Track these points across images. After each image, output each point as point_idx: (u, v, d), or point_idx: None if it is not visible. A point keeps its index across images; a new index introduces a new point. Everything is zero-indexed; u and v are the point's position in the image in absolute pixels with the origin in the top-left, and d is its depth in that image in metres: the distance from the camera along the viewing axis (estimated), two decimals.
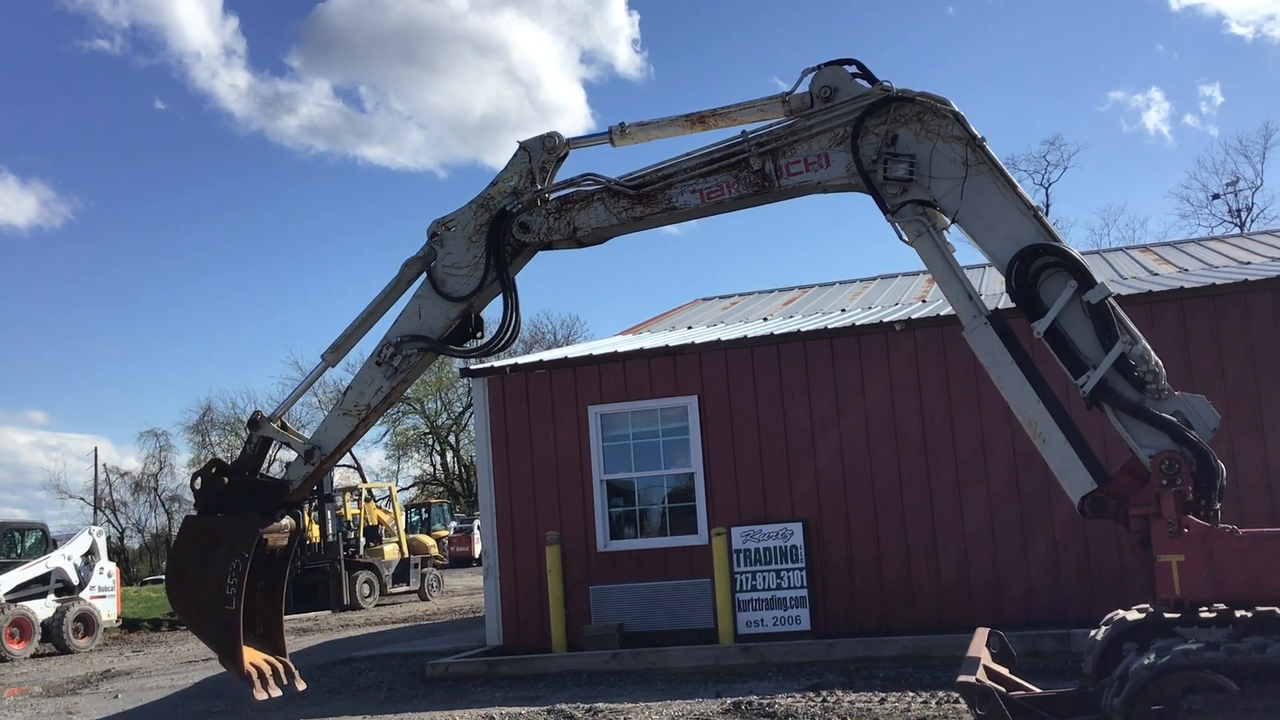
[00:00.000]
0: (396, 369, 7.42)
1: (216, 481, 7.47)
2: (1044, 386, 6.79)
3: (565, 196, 7.45)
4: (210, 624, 7.24)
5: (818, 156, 7.07)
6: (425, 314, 7.44)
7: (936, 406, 13.83)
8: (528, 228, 7.41)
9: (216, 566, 7.17)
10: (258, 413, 7.60)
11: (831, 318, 16.87)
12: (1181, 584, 6.42)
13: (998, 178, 6.83)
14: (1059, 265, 6.75)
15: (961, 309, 7.03)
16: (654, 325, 21.83)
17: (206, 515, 7.41)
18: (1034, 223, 6.80)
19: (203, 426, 70.21)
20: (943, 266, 7.01)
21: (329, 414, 7.67)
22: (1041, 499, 13.15)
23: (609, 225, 7.41)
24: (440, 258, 7.44)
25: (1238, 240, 23.27)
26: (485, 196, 7.49)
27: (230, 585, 7.10)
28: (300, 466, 7.51)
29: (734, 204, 7.33)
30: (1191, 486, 6.50)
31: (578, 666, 13.63)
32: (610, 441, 15.02)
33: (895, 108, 6.92)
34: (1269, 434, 11.95)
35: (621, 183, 7.32)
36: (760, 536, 14.09)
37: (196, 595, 7.29)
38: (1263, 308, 12.54)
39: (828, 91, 7.06)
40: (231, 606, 7.10)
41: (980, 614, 12.52)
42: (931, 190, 6.89)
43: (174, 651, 22.30)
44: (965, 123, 6.87)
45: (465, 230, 7.44)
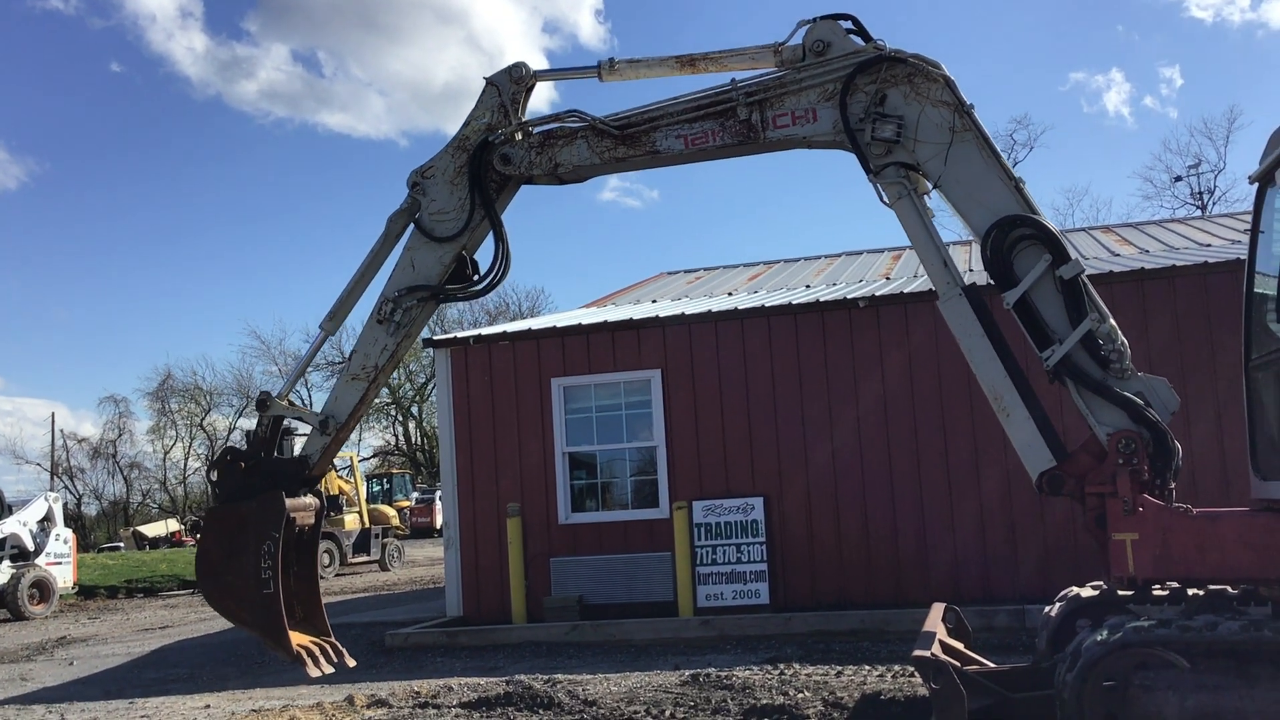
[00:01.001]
0: (399, 324, 7.37)
1: (234, 469, 7.37)
2: (1013, 362, 6.83)
3: (549, 132, 7.42)
4: (250, 610, 7.12)
5: (805, 111, 7.05)
6: (419, 264, 7.40)
7: (898, 384, 13.90)
8: (509, 160, 7.38)
9: (248, 552, 7.06)
10: (265, 394, 7.49)
11: (796, 293, 16.90)
12: (1135, 562, 6.49)
13: (983, 146, 6.83)
14: (1035, 238, 6.78)
15: (936, 276, 7.03)
16: (619, 298, 21.80)
17: (228, 504, 7.30)
18: (1014, 194, 6.81)
19: (162, 393, 69.67)
20: (921, 231, 7.02)
21: (337, 382, 7.60)
22: (1000, 476, 13.25)
23: (591, 164, 7.39)
24: (425, 206, 7.41)
25: (1199, 222, 23.47)
26: (460, 137, 7.45)
27: (265, 569, 6.99)
28: (317, 439, 7.43)
29: (718, 152, 7.31)
30: (1147, 466, 6.57)
31: (537, 638, 13.65)
32: (573, 414, 15.00)
33: (887, 67, 6.90)
34: (1224, 415, 12.08)
35: (606, 122, 7.29)
36: (721, 511, 14.14)
37: (231, 585, 7.17)
38: (1221, 290, 12.65)
39: (820, 45, 7.04)
40: (270, 589, 6.98)
41: (938, 589, 12.64)
42: (916, 154, 6.88)
43: (130, 619, 22.15)
44: (955, 88, 6.86)
45: (446, 174, 7.40)
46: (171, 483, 72.89)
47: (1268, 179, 6.95)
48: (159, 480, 72.75)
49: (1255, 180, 7.20)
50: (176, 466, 72.72)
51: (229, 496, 7.32)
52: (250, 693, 11.65)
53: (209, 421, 71.09)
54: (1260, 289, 7.26)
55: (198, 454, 72.14)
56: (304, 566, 7.50)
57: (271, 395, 7.51)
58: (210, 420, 71.17)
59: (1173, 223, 24.39)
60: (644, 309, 17.22)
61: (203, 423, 71.08)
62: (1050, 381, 6.83)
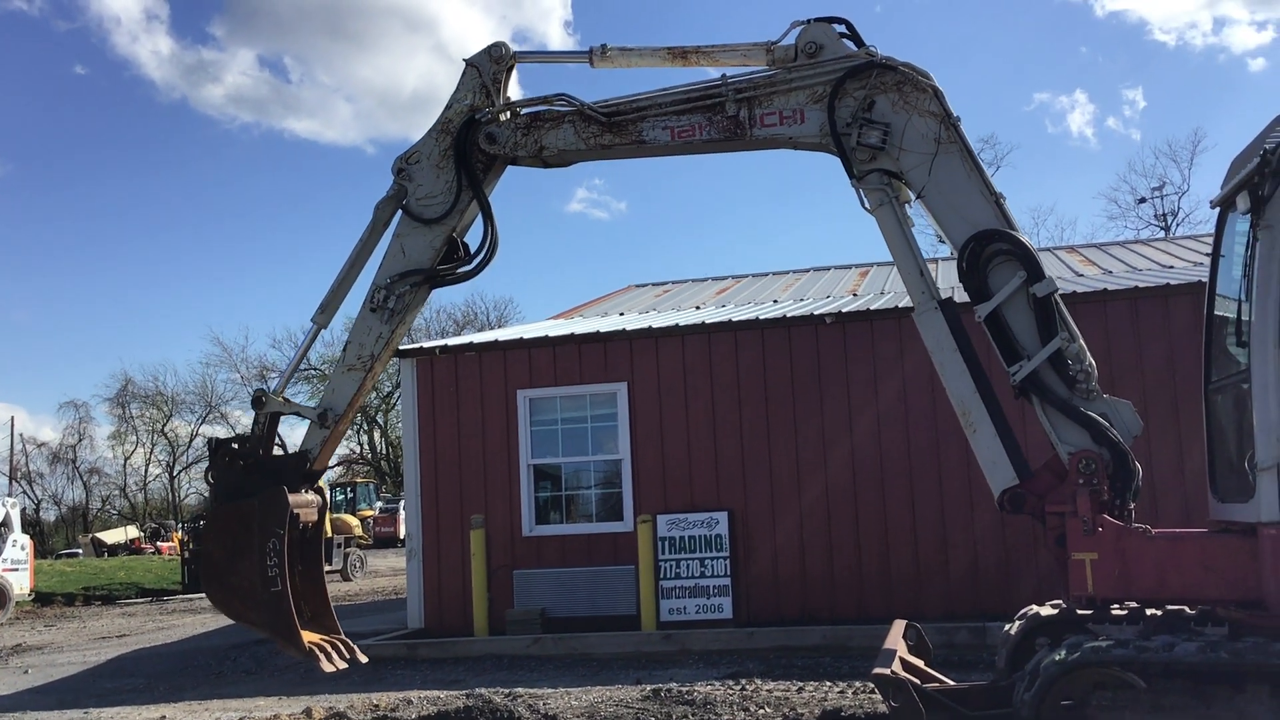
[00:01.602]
0: (393, 311, 7.32)
1: (232, 467, 7.25)
2: (983, 378, 6.86)
3: (536, 114, 7.41)
4: (258, 610, 6.97)
5: (793, 111, 7.07)
6: (409, 249, 7.37)
7: (863, 400, 13.95)
8: (494, 139, 7.37)
9: (252, 552, 6.94)
10: (260, 391, 7.38)
11: (763, 308, 16.94)
12: (1094, 582, 6.53)
13: (966, 159, 6.86)
14: (1011, 254, 6.82)
15: (913, 286, 7.05)
16: (586, 310, 21.78)
17: (229, 504, 7.17)
18: (995, 209, 6.85)
19: (122, 399, 69.01)
20: (900, 240, 7.03)
21: (333, 374, 7.53)
22: (963, 494, 13.32)
23: (576, 149, 7.39)
24: (412, 192, 7.39)
25: (1162, 244, 23.71)
26: (444, 120, 7.44)
27: (271, 566, 6.86)
28: (316, 432, 7.33)
29: (703, 146, 7.32)
30: (1107, 486, 6.61)
31: (499, 651, 13.58)
32: (538, 426, 14.96)
33: (877, 74, 6.93)
34: (1184, 435, 12.18)
35: (594, 108, 7.29)
36: (686, 525, 14.13)
37: (237, 587, 7.04)
38: (1183, 312, 12.78)
39: (813, 47, 7.06)
40: (277, 587, 6.85)
41: (900, 606, 12.67)
42: (900, 162, 6.91)
43: (87, 627, 21.89)
44: (943, 99, 6.90)
45: (431, 158, 7.40)
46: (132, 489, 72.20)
47: (1229, 204, 7.03)
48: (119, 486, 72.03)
49: (1216, 205, 7.29)
50: (137, 473, 72.06)
51: (229, 496, 7.20)
52: (207, 704, 11.53)
53: (170, 428, 70.46)
54: (1220, 312, 7.34)
55: (159, 460, 71.52)
56: (309, 565, 7.36)
57: (267, 392, 7.41)
58: (172, 426, 70.54)
59: (1136, 244, 24.63)
60: (611, 322, 17.21)
61: (164, 429, 70.43)
62: (1016, 397, 6.87)
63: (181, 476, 71.09)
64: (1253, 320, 6.30)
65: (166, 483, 71.55)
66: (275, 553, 6.89)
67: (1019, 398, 6.86)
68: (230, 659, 14.90)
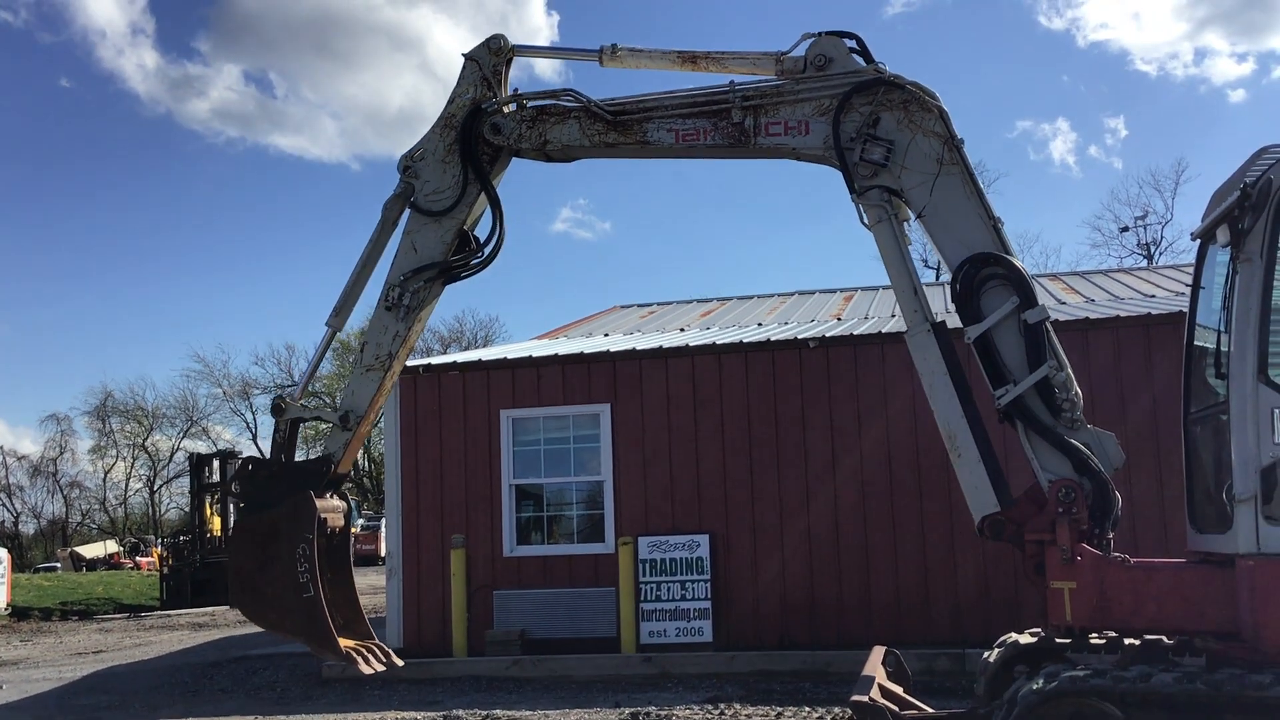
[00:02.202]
0: (409, 308, 7.31)
1: (255, 478, 7.22)
2: (971, 404, 6.87)
3: (542, 108, 7.44)
4: (292, 618, 6.93)
5: (799, 122, 7.10)
6: (420, 245, 7.37)
7: (846, 425, 13.97)
8: (499, 129, 7.39)
9: (281, 559, 6.89)
10: (279, 398, 7.35)
11: (748, 331, 16.97)
12: (1073, 610, 6.54)
13: (967, 182, 6.90)
14: (1005, 278, 6.85)
15: (906, 306, 7.07)
16: (571, 331, 21.78)
17: (256, 514, 7.14)
18: (992, 234, 6.88)
19: (102, 413, 68.70)
20: (896, 257, 7.05)
21: (351, 377, 7.48)
22: (944, 520, 13.33)
23: (580, 145, 7.42)
24: (419, 189, 7.41)
25: (1144, 273, 23.86)
26: (447, 115, 7.47)
27: (303, 573, 6.81)
28: (338, 435, 7.28)
29: (706, 151, 7.35)
30: (1087, 515, 6.63)
31: (478, 672, 13.52)
32: (521, 446, 14.93)
33: (884, 91, 6.97)
34: (1164, 465, 12.23)
35: (601, 105, 7.32)
36: (667, 547, 14.10)
37: (269, 596, 6.99)
38: (1164, 342, 12.84)
39: (822, 60, 7.10)
40: (310, 593, 6.80)
41: (881, 631, 12.67)
42: (901, 180, 6.94)
43: (63, 642, 21.71)
44: (948, 121, 6.94)
45: (437, 154, 7.42)
46: (112, 503, 71.80)
47: (1209, 237, 7.08)
48: (99, 500, 71.62)
49: (1197, 237, 7.35)
50: (117, 487, 71.67)
51: (255, 507, 7.17)
52: None
53: (151, 442, 70.13)
54: (1200, 343, 7.39)
55: (139, 475, 71.20)
56: (337, 572, 7.29)
57: (287, 399, 7.38)
58: (153, 441, 70.22)
59: (1119, 272, 24.77)
60: (595, 342, 17.21)
61: (145, 443, 70.10)
62: (1000, 421, 6.89)
63: (162, 491, 70.81)
64: (1231, 352, 6.34)
65: (147, 497, 71.25)
66: (305, 559, 6.84)
67: (1003, 421, 6.89)
68: (207, 677, 14.80)
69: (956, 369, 6.92)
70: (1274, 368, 6.19)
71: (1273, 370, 6.17)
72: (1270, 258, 6.20)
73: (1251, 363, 6.14)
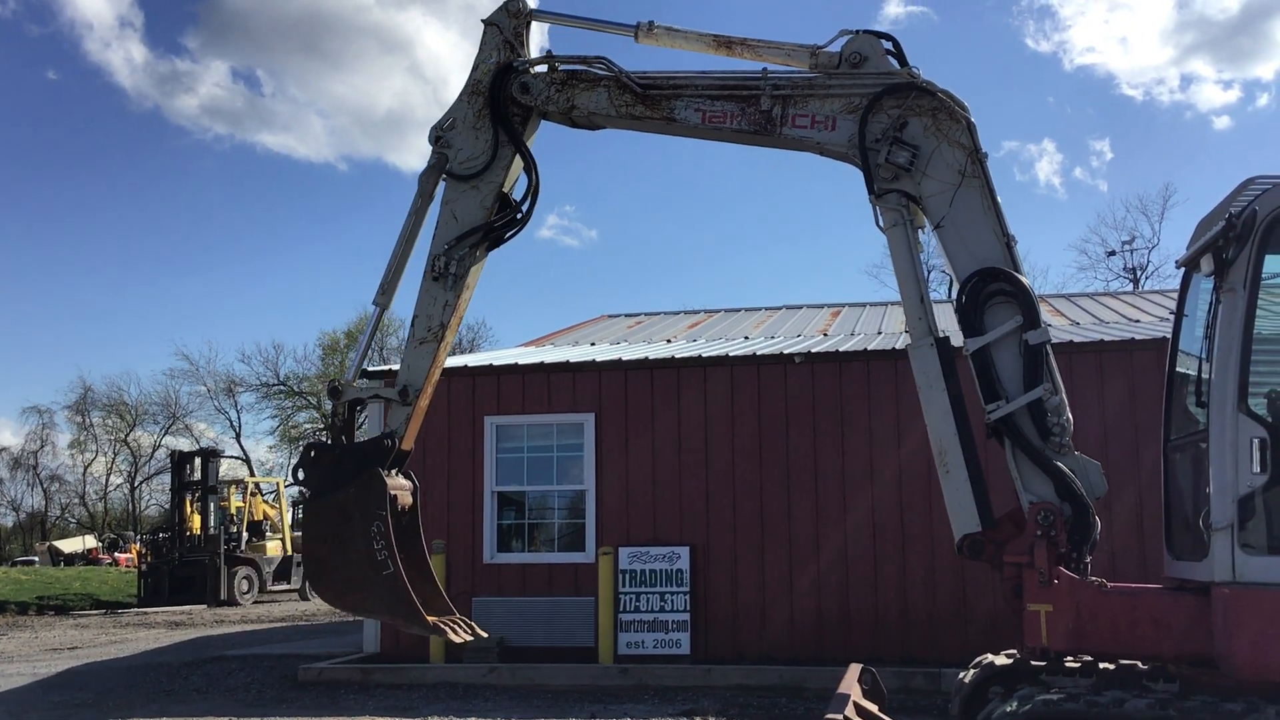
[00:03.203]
0: (456, 275, 7.22)
1: (319, 464, 7.06)
2: (965, 421, 6.86)
3: (573, 72, 7.43)
4: (375, 596, 6.81)
5: (826, 117, 7.09)
6: (460, 213, 7.32)
7: (829, 440, 14.00)
8: (527, 88, 7.37)
9: (356, 540, 6.77)
10: (334, 381, 7.21)
11: (734, 344, 16.99)
12: (1049, 633, 6.55)
13: (986, 196, 6.89)
14: (1012, 296, 6.84)
15: (912, 314, 7.05)
16: (558, 339, 21.78)
17: (324, 498, 7.00)
18: (1004, 250, 6.88)
19: (83, 406, 68.42)
20: (907, 263, 7.04)
21: (405, 352, 7.35)
22: (924, 538, 13.37)
23: (606, 114, 7.40)
24: (453, 157, 7.35)
25: (1130, 297, 23.97)
26: (473, 81, 7.44)
27: (380, 550, 6.69)
28: (399, 411, 7.17)
29: (731, 135, 7.33)
30: (1065, 539, 6.66)
31: (454, 679, 13.49)
32: (504, 453, 14.93)
33: (915, 96, 6.95)
34: (1144, 490, 12.28)
35: (632, 77, 7.31)
36: (647, 558, 14.10)
37: (348, 578, 6.87)
38: (1147, 367, 12.91)
39: (857, 58, 7.08)
40: (389, 569, 6.69)
41: (858, 647, 12.69)
42: (921, 187, 6.93)
43: (39, 637, 21.60)
44: (975, 133, 6.93)
45: (467, 121, 7.39)
46: (91, 498, 71.48)
47: (1193, 265, 7.13)
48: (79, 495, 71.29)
49: (1181, 266, 7.39)
50: (97, 482, 71.34)
51: (322, 492, 7.03)
52: None
53: (133, 438, 69.84)
54: (1182, 370, 7.43)
55: (120, 470, 70.88)
56: (411, 551, 7.14)
57: (342, 380, 7.25)
58: (135, 436, 69.92)
59: (1105, 296, 24.89)
60: (581, 351, 17.22)
61: (127, 439, 69.81)
62: (988, 436, 6.90)
63: (142, 487, 70.51)
64: (1212, 381, 6.38)
65: (127, 493, 70.95)
66: (381, 536, 6.73)
67: (991, 437, 6.89)
68: (182, 676, 14.74)
69: (955, 385, 6.92)
70: (1254, 398, 6.23)
71: (1252, 400, 6.21)
72: (1253, 289, 6.23)
73: (1231, 392, 6.18)
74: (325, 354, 69.24)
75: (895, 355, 13.80)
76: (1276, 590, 6.00)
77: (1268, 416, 6.24)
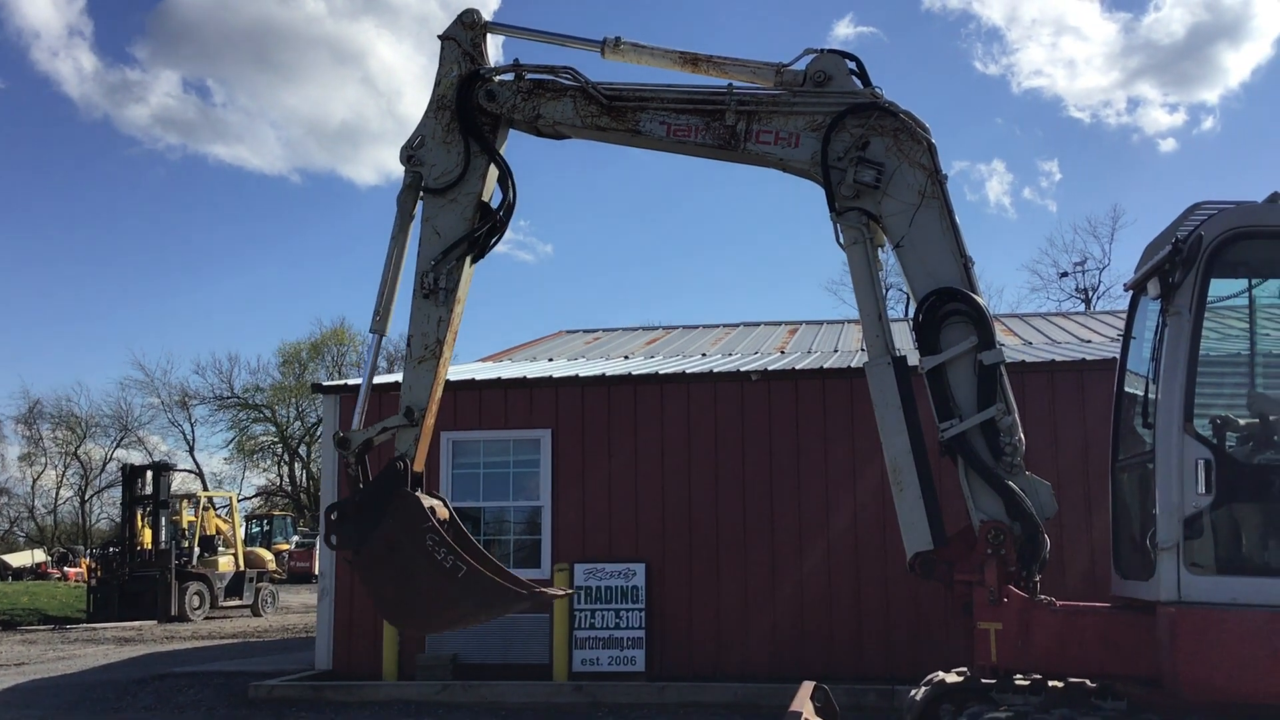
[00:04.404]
0: (447, 290, 7.24)
1: (345, 520, 6.96)
2: (920, 440, 6.92)
3: (539, 81, 7.45)
4: (463, 601, 6.76)
5: (790, 134, 7.16)
6: (443, 228, 7.32)
7: (785, 458, 14.05)
8: (494, 96, 7.40)
9: (417, 561, 6.70)
10: (338, 435, 7.15)
11: (691, 361, 17.03)
12: (998, 651, 6.62)
13: (944, 218, 6.97)
14: (967, 316, 6.92)
15: (870, 332, 7.11)
16: (515, 354, 21.74)
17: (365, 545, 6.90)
18: (961, 271, 6.96)
19: (30, 419, 67.44)
20: (866, 280, 7.10)
21: (405, 373, 7.34)
22: (878, 556, 13.43)
23: (571, 125, 7.44)
24: (427, 174, 7.37)
25: (1081, 317, 24.26)
26: (437, 97, 7.47)
27: (444, 559, 6.63)
28: (407, 433, 7.13)
29: (695, 149, 7.39)
30: (1015, 558, 6.73)
31: (407, 696, 13.39)
32: (460, 469, 14.87)
33: (878, 115, 7.03)
34: (1095, 508, 12.40)
35: (598, 88, 7.35)
36: (603, 575, 14.08)
37: (430, 601, 6.82)
38: (1097, 387, 13.05)
39: (822, 76, 7.16)
40: (462, 569, 6.63)
41: (812, 664, 12.72)
42: (882, 206, 7.00)
43: None
44: (935, 155, 7.02)
45: (437, 137, 7.40)
46: (40, 511, 70.37)
47: (1141, 288, 7.24)
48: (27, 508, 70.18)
49: (1129, 289, 7.51)
50: (47, 495, 70.27)
51: (358, 540, 6.94)
52: None
53: (84, 451, 68.87)
54: (1131, 390, 7.54)
55: (70, 483, 69.87)
56: (469, 551, 7.05)
57: (347, 432, 7.17)
58: (85, 450, 68.96)
59: (1057, 316, 25.17)
60: (538, 367, 17.20)
61: (77, 452, 68.85)
62: (941, 454, 6.96)
63: (93, 501, 69.53)
64: (1159, 402, 6.48)
65: (77, 507, 69.90)
66: (438, 544, 6.68)
67: (944, 455, 6.96)
68: (131, 694, 14.54)
69: (910, 405, 6.98)
70: (1199, 419, 6.33)
71: (1198, 422, 6.31)
72: (1199, 312, 6.34)
73: (1178, 414, 6.27)
74: (284, 365, 68.76)
75: (851, 373, 13.90)
76: (1221, 610, 6.09)
77: (1213, 438, 6.35)
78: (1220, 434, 6.43)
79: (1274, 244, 6.53)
